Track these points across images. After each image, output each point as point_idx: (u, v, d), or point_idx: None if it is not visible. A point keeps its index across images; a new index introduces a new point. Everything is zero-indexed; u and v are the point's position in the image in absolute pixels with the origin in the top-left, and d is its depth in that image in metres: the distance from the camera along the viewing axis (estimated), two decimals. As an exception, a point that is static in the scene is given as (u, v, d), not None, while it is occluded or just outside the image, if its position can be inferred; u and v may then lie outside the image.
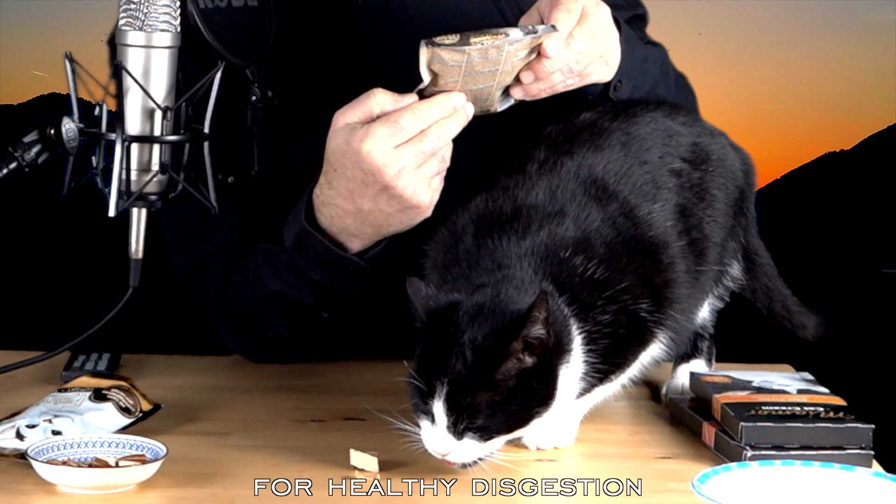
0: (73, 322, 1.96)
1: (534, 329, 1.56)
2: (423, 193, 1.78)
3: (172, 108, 1.71)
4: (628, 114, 1.84)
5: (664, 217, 1.75)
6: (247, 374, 2.03)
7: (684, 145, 1.83)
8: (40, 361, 1.87)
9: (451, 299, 1.62)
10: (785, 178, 7.67)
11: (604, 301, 1.66)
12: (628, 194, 1.74)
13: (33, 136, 1.76)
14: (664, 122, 1.84)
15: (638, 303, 1.68)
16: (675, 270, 1.73)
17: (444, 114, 1.76)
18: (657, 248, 1.72)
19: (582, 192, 1.73)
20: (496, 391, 1.56)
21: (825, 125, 7.59)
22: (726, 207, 1.84)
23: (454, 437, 1.58)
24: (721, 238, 1.84)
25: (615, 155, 1.77)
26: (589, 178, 1.74)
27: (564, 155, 1.77)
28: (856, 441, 1.66)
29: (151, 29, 1.69)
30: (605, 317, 1.66)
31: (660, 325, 1.71)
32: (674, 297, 1.72)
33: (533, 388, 1.58)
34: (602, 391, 1.73)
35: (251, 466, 1.64)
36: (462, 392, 1.56)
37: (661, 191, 1.77)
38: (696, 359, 1.91)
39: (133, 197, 1.71)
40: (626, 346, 1.69)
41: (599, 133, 1.80)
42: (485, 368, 1.56)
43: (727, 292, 1.89)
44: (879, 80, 6.86)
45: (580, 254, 1.66)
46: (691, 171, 1.81)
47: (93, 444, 1.63)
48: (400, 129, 1.74)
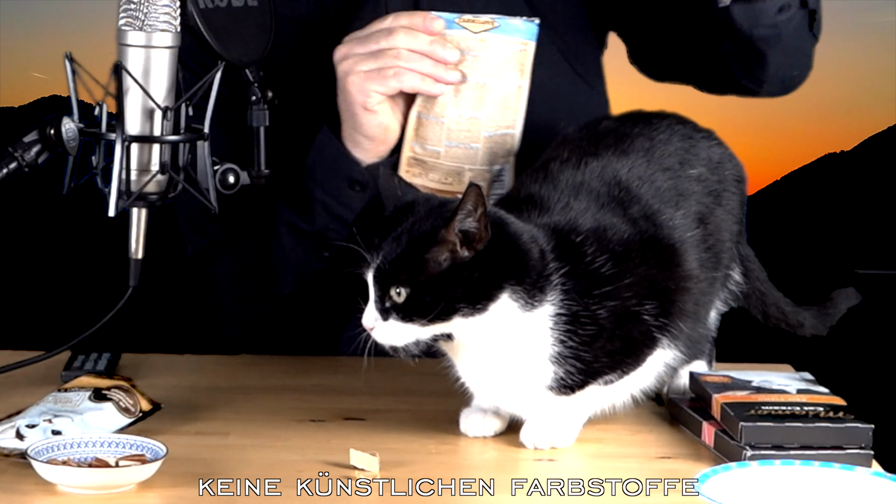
0: (73, 322, 1.96)
1: (466, 220, 1.61)
2: (357, 93, 1.90)
3: (172, 108, 1.71)
4: (647, 121, 1.85)
5: (686, 226, 1.76)
6: (247, 374, 2.03)
7: (702, 150, 1.84)
8: (40, 361, 1.88)
9: (421, 195, 1.70)
10: (785, 178, 7.67)
11: (602, 294, 1.66)
12: (651, 199, 1.75)
13: (33, 137, 1.76)
14: (680, 128, 1.85)
15: (643, 304, 1.68)
16: (691, 280, 1.74)
17: (410, 24, 1.88)
18: (677, 253, 1.73)
19: (606, 192, 1.74)
20: (422, 272, 1.61)
21: (825, 126, 7.60)
22: (737, 210, 1.85)
23: (380, 315, 1.63)
24: (732, 242, 1.84)
25: (639, 160, 1.78)
26: (613, 179, 1.76)
27: (589, 156, 1.78)
28: (856, 441, 1.66)
29: (151, 29, 1.69)
30: (599, 309, 1.66)
31: (664, 332, 1.71)
32: (685, 307, 1.72)
33: (464, 283, 1.62)
34: (602, 394, 1.73)
35: (251, 466, 1.64)
36: (391, 268, 1.62)
37: (683, 198, 1.78)
38: (696, 359, 1.91)
39: (133, 197, 1.71)
40: (621, 346, 1.68)
41: (623, 138, 1.81)
42: (416, 250, 1.62)
43: (731, 296, 1.90)
44: (880, 81, 6.87)
45: (591, 244, 1.68)
46: (710, 177, 1.82)
47: (93, 444, 1.63)
48: (365, 31, 1.89)
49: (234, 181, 1.79)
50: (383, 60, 1.89)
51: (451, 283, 1.62)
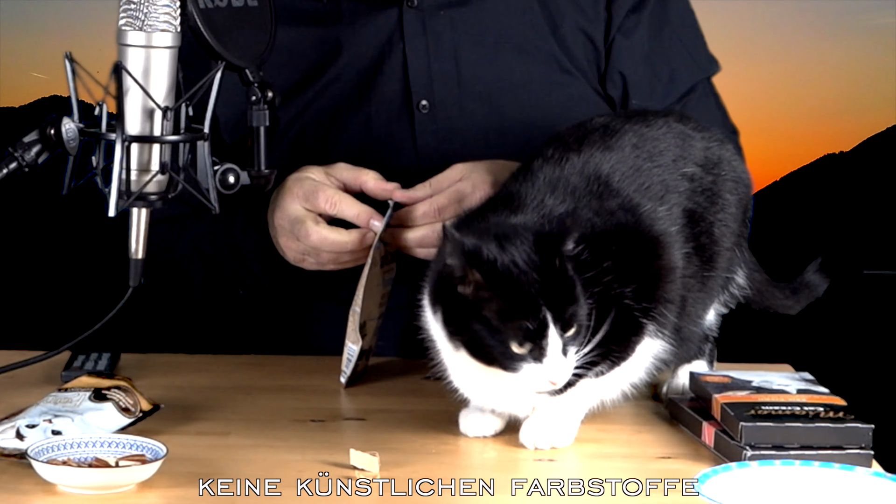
0: (73, 322, 1.96)
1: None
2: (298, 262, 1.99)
3: (172, 108, 1.71)
4: (642, 117, 1.84)
5: (670, 220, 1.75)
6: (247, 374, 2.03)
7: (697, 149, 1.83)
8: (40, 361, 1.88)
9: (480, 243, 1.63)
10: (784, 179, 7.67)
11: (583, 281, 1.66)
12: (633, 193, 1.75)
13: (33, 137, 1.76)
14: (677, 126, 1.84)
15: (623, 287, 1.68)
16: (673, 271, 1.73)
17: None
18: (658, 245, 1.73)
19: (584, 187, 1.73)
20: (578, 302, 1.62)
21: (825, 127, 7.59)
22: (737, 213, 1.85)
23: (563, 356, 1.62)
24: (731, 243, 1.84)
25: (625, 155, 1.78)
26: (593, 174, 1.75)
27: (572, 152, 1.78)
28: (856, 441, 1.66)
29: (151, 29, 1.69)
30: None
31: (648, 316, 1.71)
32: (668, 295, 1.72)
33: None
34: (596, 388, 1.73)
35: (251, 466, 1.64)
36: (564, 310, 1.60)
37: (670, 194, 1.77)
38: (697, 359, 1.91)
39: (133, 197, 1.71)
40: (607, 332, 1.67)
41: (611, 134, 1.81)
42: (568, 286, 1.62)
43: (733, 300, 1.89)
44: (879, 82, 6.86)
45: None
46: (704, 176, 1.81)
47: (93, 444, 1.63)
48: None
49: (234, 181, 1.78)
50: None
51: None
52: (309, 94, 2.12)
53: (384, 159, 2.06)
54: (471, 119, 2.10)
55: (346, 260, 1.95)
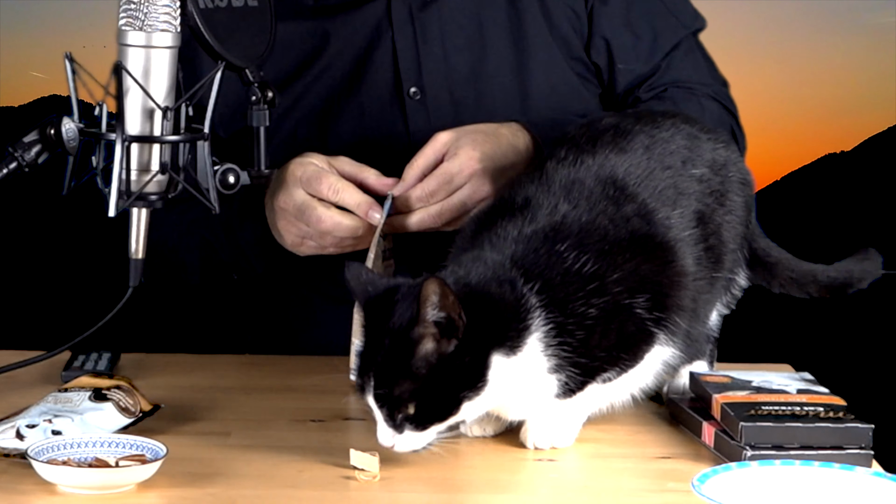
0: (73, 322, 1.96)
1: (431, 313, 1.57)
2: (295, 246, 1.98)
3: (172, 108, 1.71)
4: (651, 118, 1.85)
5: (683, 225, 1.75)
6: (247, 374, 2.03)
7: (706, 151, 1.83)
8: (40, 361, 1.88)
9: (390, 284, 1.64)
10: (785, 179, 7.66)
11: (587, 294, 1.65)
12: (648, 197, 1.75)
13: (33, 136, 1.76)
14: (686, 127, 1.84)
15: (635, 297, 1.68)
16: (686, 276, 1.73)
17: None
18: (671, 251, 1.73)
19: (599, 191, 1.73)
20: (418, 381, 1.58)
21: (825, 126, 7.59)
22: (743, 214, 1.85)
23: (394, 430, 1.61)
24: (737, 245, 1.84)
25: (638, 158, 1.78)
26: (609, 178, 1.75)
27: (586, 154, 1.78)
28: (856, 441, 1.66)
29: (151, 29, 1.70)
30: (588, 309, 1.65)
31: (660, 326, 1.71)
32: (681, 302, 1.72)
33: (459, 373, 1.59)
34: (602, 392, 1.72)
35: (251, 466, 1.65)
36: (386, 383, 1.59)
37: (682, 196, 1.77)
38: (697, 359, 1.91)
39: (133, 197, 1.71)
40: (617, 342, 1.68)
41: (623, 135, 1.81)
42: (402, 357, 1.58)
43: (734, 300, 1.89)
44: (880, 81, 6.86)
45: (574, 246, 1.67)
46: (712, 177, 1.82)
47: (93, 444, 1.63)
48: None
49: (234, 181, 1.78)
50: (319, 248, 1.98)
51: (449, 376, 1.60)
52: (300, 86, 2.12)
53: (378, 146, 2.07)
54: (461, 103, 2.11)
55: (348, 244, 1.95)
